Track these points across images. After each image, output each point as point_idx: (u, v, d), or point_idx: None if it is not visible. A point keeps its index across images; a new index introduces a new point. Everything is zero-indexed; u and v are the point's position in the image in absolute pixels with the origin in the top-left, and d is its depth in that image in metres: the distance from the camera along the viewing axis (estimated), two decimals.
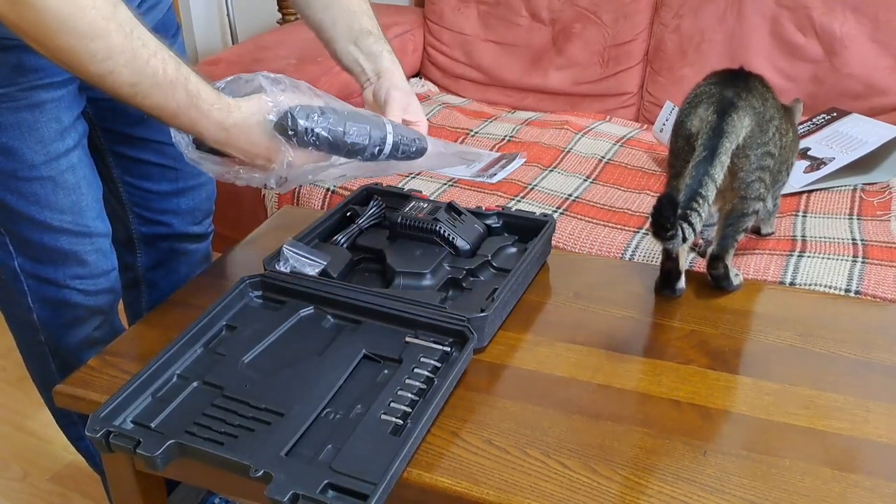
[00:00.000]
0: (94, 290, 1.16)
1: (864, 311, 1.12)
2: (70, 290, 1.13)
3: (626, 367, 0.96)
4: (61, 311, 1.15)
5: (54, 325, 1.17)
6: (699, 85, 1.13)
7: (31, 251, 1.10)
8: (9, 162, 1.02)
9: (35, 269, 1.11)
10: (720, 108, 1.04)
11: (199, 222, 1.37)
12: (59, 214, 1.08)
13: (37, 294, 1.13)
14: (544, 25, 2.30)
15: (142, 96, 0.83)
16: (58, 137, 1.05)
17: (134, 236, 1.32)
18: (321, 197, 1.79)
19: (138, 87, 0.82)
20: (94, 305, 1.17)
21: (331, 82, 2.16)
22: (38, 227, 1.07)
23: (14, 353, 1.30)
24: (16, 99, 1.00)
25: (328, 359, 0.93)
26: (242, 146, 0.89)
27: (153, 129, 1.23)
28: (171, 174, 1.28)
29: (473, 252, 1.12)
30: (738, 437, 0.85)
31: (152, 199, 1.29)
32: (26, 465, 1.70)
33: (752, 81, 1.10)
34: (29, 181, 1.04)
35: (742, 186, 1.06)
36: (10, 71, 0.98)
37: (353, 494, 0.73)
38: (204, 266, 1.42)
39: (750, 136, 1.04)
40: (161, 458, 0.79)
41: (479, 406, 0.90)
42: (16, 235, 1.08)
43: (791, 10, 2.02)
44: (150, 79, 0.83)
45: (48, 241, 1.09)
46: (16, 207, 1.05)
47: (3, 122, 1.00)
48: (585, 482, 0.79)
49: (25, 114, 1.01)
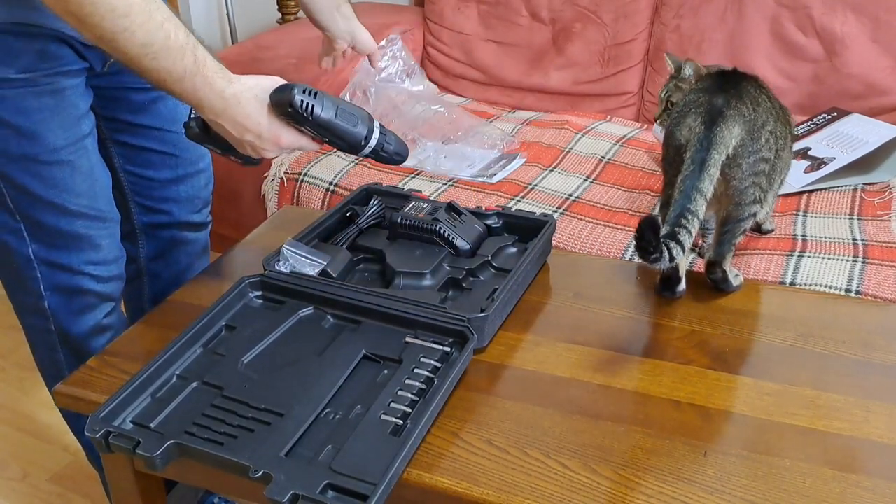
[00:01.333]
0: (107, 276, 1.18)
1: (865, 312, 1.12)
2: (83, 276, 1.16)
3: (626, 368, 0.96)
4: (73, 297, 1.18)
5: (65, 313, 1.19)
6: (690, 90, 1.11)
7: (47, 237, 1.12)
8: (32, 146, 1.05)
9: (49, 255, 1.14)
10: (709, 118, 1.02)
11: (198, 210, 1.39)
12: (76, 198, 1.11)
13: (50, 281, 1.16)
14: (544, 25, 2.30)
15: (150, 57, 0.86)
16: (76, 123, 1.08)
17: (136, 227, 1.35)
18: (321, 197, 1.79)
19: (149, 48, 0.85)
20: (105, 292, 1.20)
21: (330, 82, 2.16)
22: (56, 211, 1.10)
23: (14, 353, 1.30)
24: (39, 84, 1.03)
25: (328, 359, 0.93)
26: (237, 118, 0.93)
27: (154, 117, 1.25)
28: (171, 161, 1.31)
29: (473, 252, 1.12)
30: (738, 437, 0.85)
31: (153, 187, 1.31)
32: (26, 465, 1.70)
33: (744, 85, 1.07)
34: (49, 165, 1.07)
35: (736, 193, 1.05)
36: (34, 57, 1.01)
37: (353, 495, 0.73)
38: (204, 257, 1.44)
39: (740, 146, 1.01)
40: (160, 458, 0.78)
41: (479, 406, 0.90)
42: (32, 221, 1.11)
43: (791, 10, 2.02)
44: (163, 41, 0.86)
45: (64, 226, 1.11)
46: (35, 191, 1.08)
47: (28, 106, 1.03)
48: (585, 482, 0.79)
49: (48, 98, 1.04)
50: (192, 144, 1.06)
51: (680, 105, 1.09)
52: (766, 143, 1.04)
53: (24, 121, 1.03)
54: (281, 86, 0.93)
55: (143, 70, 0.88)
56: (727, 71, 1.13)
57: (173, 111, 1.27)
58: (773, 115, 1.08)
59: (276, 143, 0.96)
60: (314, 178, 1.81)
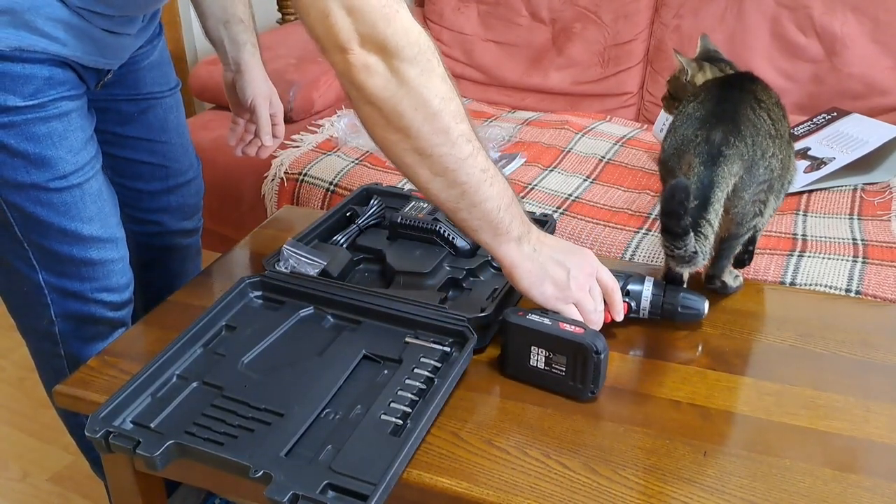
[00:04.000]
0: (120, 303, 1.16)
1: (865, 312, 1.12)
2: (97, 304, 1.13)
3: (626, 367, 0.96)
4: (85, 325, 1.15)
5: (75, 339, 1.16)
6: (682, 111, 1.07)
7: (58, 265, 1.09)
8: (41, 173, 1.03)
9: (61, 283, 1.10)
10: (708, 158, 0.98)
11: (189, 217, 1.38)
12: (88, 224, 1.08)
13: (61, 307, 1.12)
14: (544, 25, 2.30)
15: (489, 183, 0.86)
16: (84, 146, 1.06)
17: (127, 237, 1.32)
18: (321, 197, 1.79)
19: (488, 172, 0.86)
20: (117, 318, 1.17)
21: (330, 83, 2.16)
22: (68, 238, 1.07)
23: (14, 353, 1.30)
24: (46, 108, 1.01)
25: (328, 359, 0.93)
26: (560, 246, 0.94)
27: (143, 128, 1.24)
28: (161, 172, 1.30)
29: (473, 252, 1.12)
30: (738, 437, 0.85)
31: (143, 198, 1.30)
32: (26, 465, 1.70)
33: (741, 110, 1.01)
34: (59, 192, 1.05)
35: (738, 217, 1.02)
36: (42, 83, 0.99)
37: (353, 495, 0.73)
38: (196, 259, 1.43)
39: (741, 181, 0.99)
40: (160, 458, 0.78)
41: (479, 406, 0.90)
42: (41, 249, 1.08)
43: (791, 10, 2.02)
44: (493, 167, 0.87)
45: (77, 253, 1.08)
46: (48, 219, 1.05)
47: (36, 132, 1.01)
48: (585, 482, 0.79)
49: (56, 123, 1.02)
50: (182, 154, 1.04)
51: (677, 130, 1.05)
52: (768, 167, 1.01)
53: (34, 148, 1.01)
54: None
55: (480, 199, 0.86)
56: (727, 82, 1.09)
57: (163, 121, 1.26)
58: (773, 139, 1.03)
59: (589, 274, 0.93)
60: (314, 178, 1.81)
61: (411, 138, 0.82)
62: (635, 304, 1.00)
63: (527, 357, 0.91)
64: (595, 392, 0.89)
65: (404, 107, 0.80)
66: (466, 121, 0.85)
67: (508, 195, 0.89)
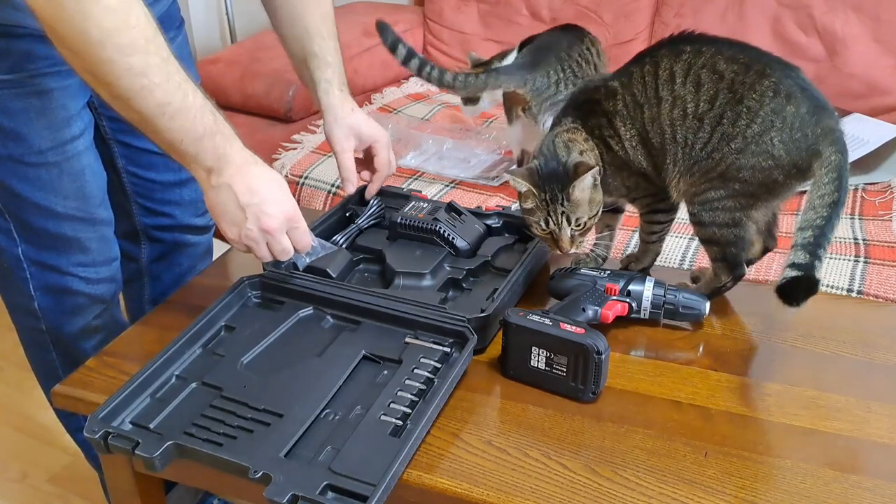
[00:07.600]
0: (96, 279, 1.17)
1: (866, 312, 1.12)
2: (72, 278, 1.15)
3: (626, 368, 0.95)
4: (62, 298, 1.17)
5: (55, 313, 1.18)
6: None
7: (35, 237, 1.11)
8: (17, 147, 1.04)
9: (38, 256, 1.13)
10: None
11: (200, 214, 1.38)
12: (64, 200, 1.10)
13: (39, 281, 1.15)
14: (545, 24, 2.29)
15: (168, 117, 0.85)
16: (65, 125, 1.07)
17: (138, 228, 1.34)
18: (322, 199, 1.79)
19: (167, 107, 0.85)
20: (95, 294, 1.19)
21: None
22: (43, 213, 1.09)
23: (14, 353, 1.30)
24: (24, 85, 1.02)
25: (327, 359, 0.93)
26: (256, 176, 0.93)
27: None
28: (173, 164, 1.28)
29: (473, 252, 1.12)
30: (739, 437, 0.84)
31: (156, 189, 1.31)
32: (25, 465, 1.70)
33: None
34: (35, 167, 1.06)
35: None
36: (20, 58, 1.00)
37: (353, 496, 0.73)
38: (206, 259, 1.43)
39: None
40: (160, 459, 0.78)
41: (479, 407, 0.89)
42: (20, 221, 1.10)
43: (792, 10, 2.02)
44: (181, 101, 0.85)
45: (52, 227, 1.11)
46: (21, 192, 1.07)
47: (11, 107, 1.02)
48: (586, 483, 0.78)
49: (33, 100, 1.03)
50: None
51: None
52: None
53: (9, 122, 1.02)
54: None
55: (158, 129, 0.86)
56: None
57: None
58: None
59: (284, 215, 0.94)
60: (316, 180, 1.81)
61: (80, 60, 0.82)
62: (636, 303, 1.00)
63: (527, 358, 0.90)
64: (596, 393, 0.88)
65: (64, 30, 0.80)
66: (143, 54, 0.82)
67: (201, 128, 0.88)
